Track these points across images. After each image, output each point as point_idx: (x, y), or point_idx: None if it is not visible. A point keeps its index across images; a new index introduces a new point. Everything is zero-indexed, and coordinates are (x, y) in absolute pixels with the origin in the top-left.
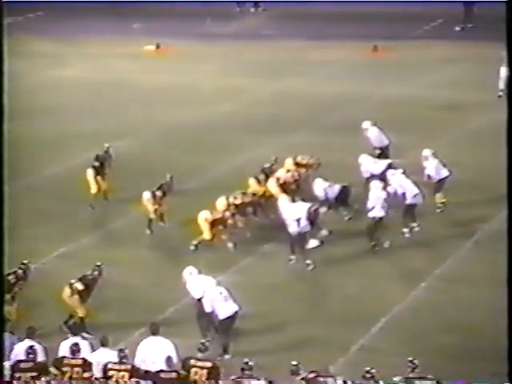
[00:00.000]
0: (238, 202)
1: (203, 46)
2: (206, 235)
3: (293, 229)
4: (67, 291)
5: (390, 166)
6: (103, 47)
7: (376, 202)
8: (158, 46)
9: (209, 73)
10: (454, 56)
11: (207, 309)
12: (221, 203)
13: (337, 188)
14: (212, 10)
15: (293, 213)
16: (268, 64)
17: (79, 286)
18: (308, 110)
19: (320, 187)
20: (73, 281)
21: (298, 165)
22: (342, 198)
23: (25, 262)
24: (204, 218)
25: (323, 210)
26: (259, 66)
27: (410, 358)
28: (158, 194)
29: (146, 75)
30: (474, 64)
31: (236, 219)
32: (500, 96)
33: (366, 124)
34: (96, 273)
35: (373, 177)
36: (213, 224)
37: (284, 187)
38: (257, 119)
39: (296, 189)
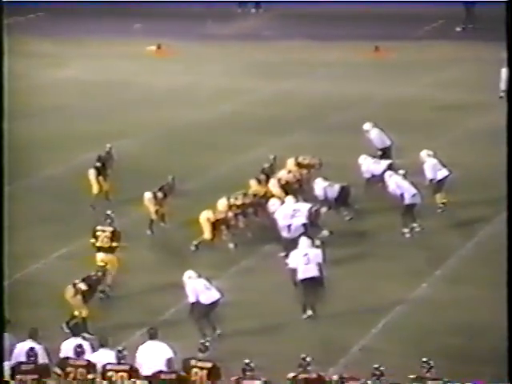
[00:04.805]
0: (238, 202)
1: (204, 46)
2: (207, 235)
3: (285, 234)
4: (70, 291)
5: (390, 167)
6: (104, 48)
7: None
8: (159, 47)
9: (210, 73)
10: (455, 56)
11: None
12: (222, 204)
13: (337, 188)
14: (213, 10)
15: (283, 218)
16: (269, 65)
17: (83, 287)
18: (309, 111)
19: (320, 187)
20: (76, 281)
21: (299, 165)
22: (342, 198)
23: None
24: (206, 217)
25: (324, 210)
26: (260, 66)
27: (424, 359)
28: (159, 194)
29: (147, 76)
30: (475, 65)
31: (238, 219)
32: (501, 97)
33: (367, 126)
34: (100, 273)
35: (373, 177)
36: (215, 224)
37: (286, 188)
38: (258, 120)
39: (298, 189)
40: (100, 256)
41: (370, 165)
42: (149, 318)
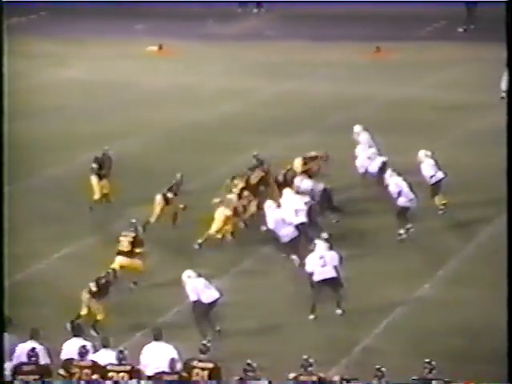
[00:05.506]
0: (241, 185)
1: (206, 46)
2: (214, 229)
3: (278, 238)
4: (85, 293)
5: (384, 164)
6: (106, 48)
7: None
8: (160, 47)
9: (211, 73)
10: (457, 57)
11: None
12: (231, 199)
13: (320, 187)
14: (215, 10)
15: (274, 223)
16: (270, 65)
17: (93, 288)
18: (310, 111)
19: (307, 183)
20: (91, 284)
21: (306, 159)
22: (325, 199)
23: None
24: (224, 216)
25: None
26: (262, 66)
27: (427, 360)
28: (170, 195)
29: (149, 76)
30: (477, 65)
31: (251, 205)
32: (502, 97)
33: (357, 128)
34: (110, 276)
35: (367, 173)
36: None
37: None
38: (259, 120)
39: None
40: (119, 259)
41: (365, 160)
42: (150, 318)
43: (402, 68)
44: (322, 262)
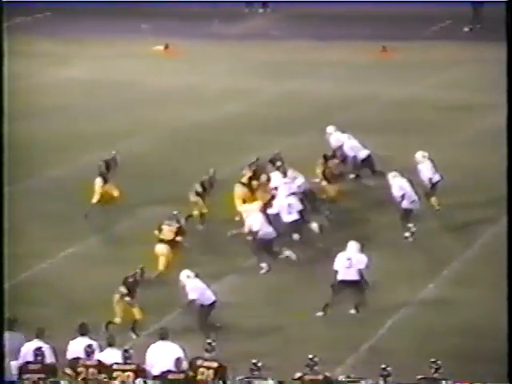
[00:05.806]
0: (249, 174)
1: (211, 46)
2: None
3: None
4: (116, 297)
5: (369, 157)
6: (112, 47)
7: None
8: (166, 47)
9: (217, 73)
10: (463, 57)
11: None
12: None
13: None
14: (221, 10)
15: (255, 222)
16: (276, 65)
17: (123, 290)
18: (315, 111)
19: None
20: (121, 288)
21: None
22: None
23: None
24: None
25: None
26: (267, 66)
27: (432, 359)
28: (198, 187)
29: (153, 76)
30: (482, 65)
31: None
32: None
33: (330, 129)
34: (138, 275)
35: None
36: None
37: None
38: (264, 120)
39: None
40: (160, 247)
41: (352, 147)
42: (155, 318)
43: (407, 68)
44: (348, 263)
